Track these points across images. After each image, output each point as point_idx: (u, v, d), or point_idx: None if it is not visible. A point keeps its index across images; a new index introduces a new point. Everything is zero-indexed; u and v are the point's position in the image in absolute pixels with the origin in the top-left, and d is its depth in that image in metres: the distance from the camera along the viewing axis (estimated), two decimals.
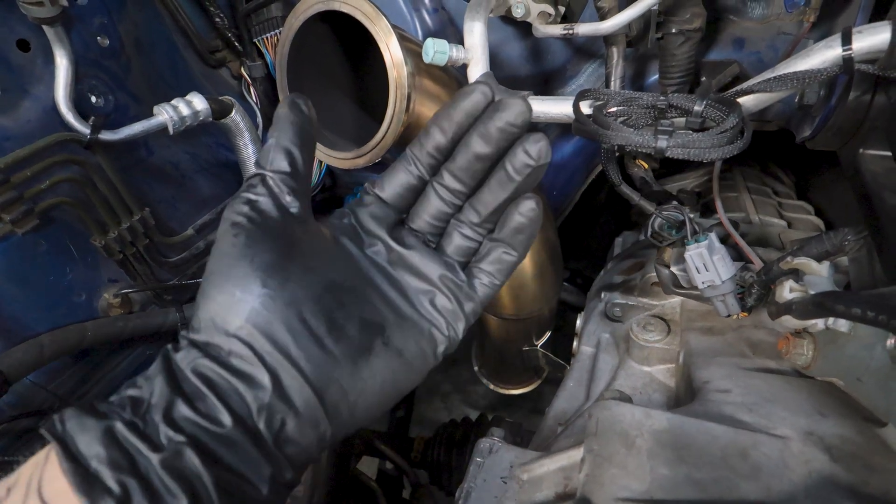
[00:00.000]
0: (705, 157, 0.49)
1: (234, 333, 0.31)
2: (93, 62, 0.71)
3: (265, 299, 0.32)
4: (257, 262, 0.32)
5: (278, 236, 0.34)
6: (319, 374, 0.32)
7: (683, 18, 0.63)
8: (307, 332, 0.32)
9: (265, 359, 0.31)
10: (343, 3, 0.63)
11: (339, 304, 0.34)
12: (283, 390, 0.31)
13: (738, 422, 0.44)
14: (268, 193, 0.34)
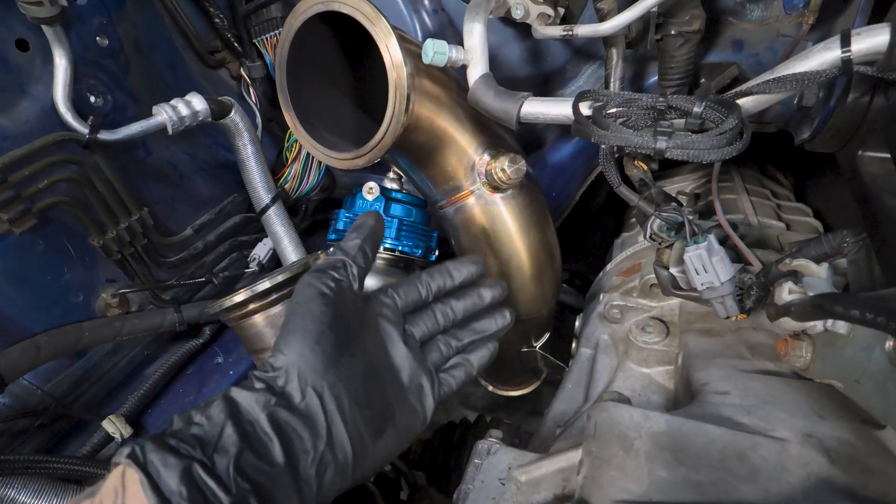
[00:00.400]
0: (704, 158, 0.49)
1: (312, 385, 0.37)
2: (91, 62, 0.71)
3: (341, 366, 0.39)
4: (339, 333, 0.40)
5: (350, 314, 0.42)
6: (358, 436, 0.39)
7: (682, 20, 0.63)
8: (356, 401, 0.40)
9: (328, 413, 0.37)
10: (343, 3, 0.63)
11: (373, 384, 0.43)
12: (333, 443, 0.37)
13: (737, 424, 0.44)
14: (348, 278, 0.44)
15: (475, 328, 0.54)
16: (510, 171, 0.73)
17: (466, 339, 0.53)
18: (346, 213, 0.87)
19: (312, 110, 0.75)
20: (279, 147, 1.04)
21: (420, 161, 0.77)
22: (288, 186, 0.98)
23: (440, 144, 0.74)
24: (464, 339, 0.53)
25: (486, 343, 0.55)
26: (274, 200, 0.92)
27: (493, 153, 0.76)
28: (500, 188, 0.77)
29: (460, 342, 0.53)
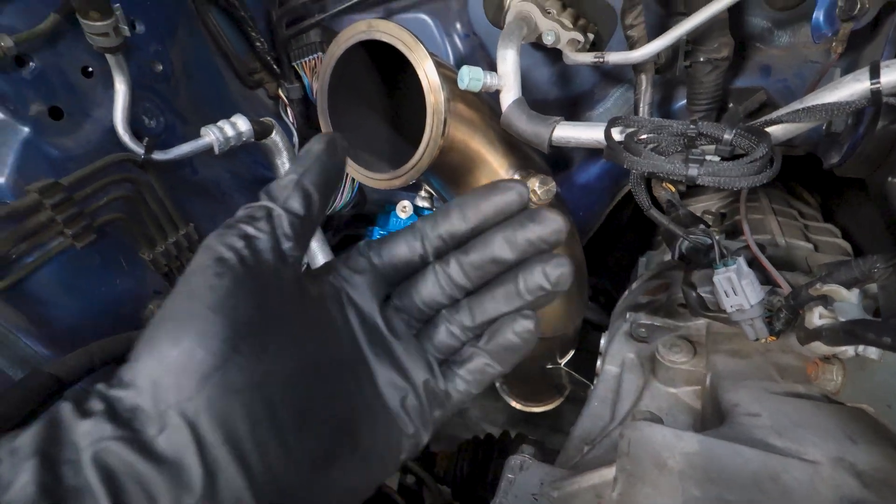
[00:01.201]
0: (735, 185, 0.50)
1: (177, 406, 0.23)
2: (147, 86, 0.76)
3: (232, 370, 0.24)
4: (235, 318, 0.25)
5: (267, 289, 0.27)
6: (269, 482, 0.25)
7: (711, 48, 0.65)
8: (271, 425, 0.25)
9: (207, 449, 0.23)
10: (384, 32, 0.67)
11: (311, 392, 0.28)
12: (215, 496, 0.23)
13: (769, 446, 0.45)
14: (270, 232, 0.28)
15: (502, 294, 0.33)
16: (541, 191, 0.76)
17: (490, 313, 0.33)
18: (379, 230, 0.90)
19: (350, 132, 0.79)
20: None
21: (453, 181, 0.80)
22: None
23: (473, 165, 0.77)
24: (485, 315, 0.33)
25: (516, 321, 0.33)
26: None
27: (523, 174, 0.78)
28: (530, 208, 0.79)
29: (477, 320, 0.33)
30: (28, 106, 0.62)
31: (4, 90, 0.60)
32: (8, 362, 0.67)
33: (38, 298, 0.67)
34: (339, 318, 0.32)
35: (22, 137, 0.62)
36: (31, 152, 0.63)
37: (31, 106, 0.62)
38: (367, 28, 0.68)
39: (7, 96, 0.60)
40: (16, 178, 0.62)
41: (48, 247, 0.64)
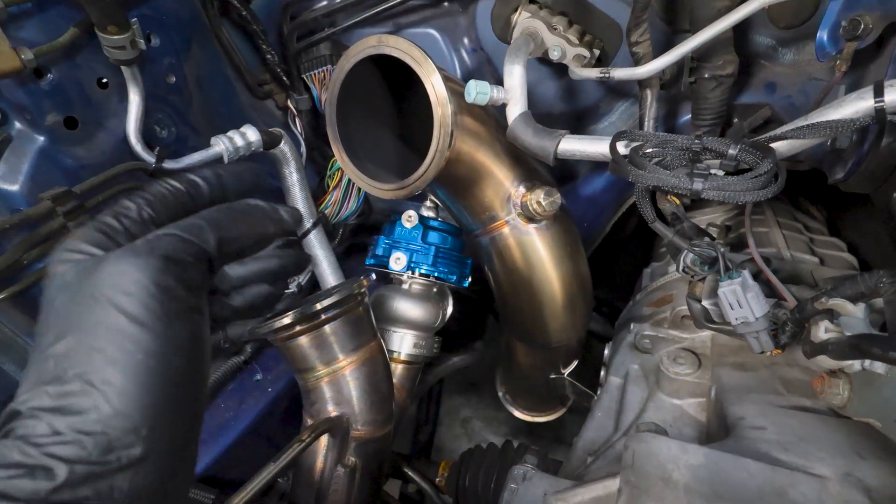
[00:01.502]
0: (740, 199, 0.51)
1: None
2: (160, 98, 0.77)
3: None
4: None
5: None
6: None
7: (716, 65, 0.65)
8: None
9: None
10: (393, 48, 0.68)
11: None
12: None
13: (775, 460, 0.45)
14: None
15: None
16: (546, 203, 0.76)
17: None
18: (385, 239, 0.91)
19: (358, 143, 0.80)
20: (320, 174, 1.10)
21: (459, 192, 0.80)
22: (328, 212, 1.03)
23: (478, 177, 0.78)
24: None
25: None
26: (315, 225, 0.96)
27: (528, 185, 0.79)
28: (535, 219, 0.80)
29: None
30: (44, 116, 0.64)
31: (23, 101, 0.61)
32: (16, 367, 0.68)
33: None
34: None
35: (37, 146, 0.64)
36: (45, 161, 0.64)
37: (47, 116, 0.64)
38: (377, 43, 0.70)
39: (25, 107, 0.62)
40: (30, 186, 0.63)
41: None
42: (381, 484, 0.76)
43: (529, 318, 0.91)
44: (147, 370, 0.29)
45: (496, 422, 2.07)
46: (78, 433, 0.28)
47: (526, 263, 0.84)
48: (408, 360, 0.89)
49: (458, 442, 2.03)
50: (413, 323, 0.88)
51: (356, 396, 0.66)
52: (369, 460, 0.69)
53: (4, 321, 0.67)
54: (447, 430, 2.07)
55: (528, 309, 0.90)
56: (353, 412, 0.66)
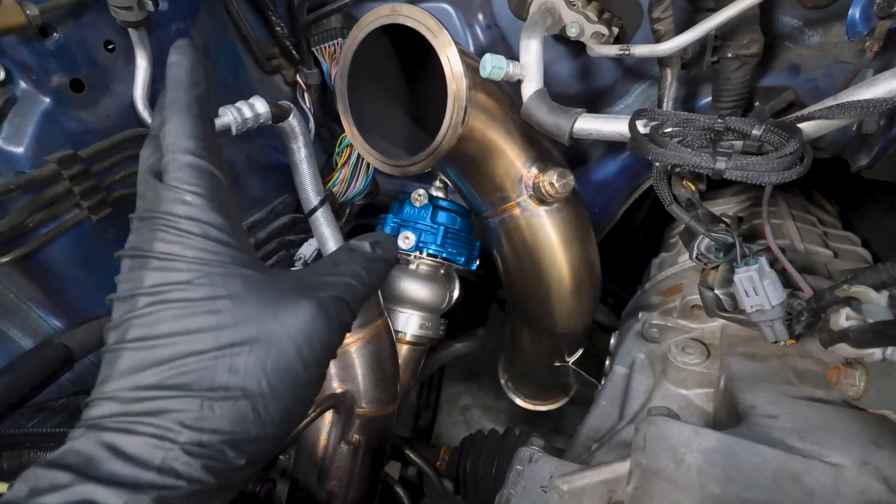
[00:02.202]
0: (763, 180, 0.49)
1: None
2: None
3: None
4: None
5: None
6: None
7: (740, 43, 0.63)
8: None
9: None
10: (408, 17, 0.66)
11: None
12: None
13: (789, 447, 0.44)
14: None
15: None
16: (558, 185, 0.75)
17: None
18: (393, 217, 0.90)
19: (368, 118, 0.78)
20: (328, 152, 1.08)
21: (469, 171, 0.79)
22: (336, 190, 1.01)
23: (490, 156, 0.76)
24: None
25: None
26: (322, 203, 0.95)
27: (541, 167, 0.78)
28: (546, 201, 0.78)
29: None
30: (50, 77, 0.62)
31: (28, 60, 0.60)
32: (20, 332, 0.67)
33: (51, 270, 0.67)
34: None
35: (42, 108, 0.62)
36: (50, 124, 0.63)
37: (52, 77, 0.62)
38: (391, 12, 0.68)
39: (30, 66, 0.60)
40: (35, 149, 0.61)
41: (64, 219, 0.64)
42: (384, 464, 0.75)
43: (536, 302, 0.90)
44: (296, 410, 0.34)
45: (496, 411, 2.07)
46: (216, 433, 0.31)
47: (535, 246, 0.83)
48: (413, 340, 0.88)
49: (457, 429, 2.03)
50: (419, 303, 0.87)
51: (361, 374, 0.65)
52: (372, 438, 0.68)
53: (9, 286, 0.66)
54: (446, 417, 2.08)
55: (535, 293, 0.89)
56: (357, 389, 0.65)
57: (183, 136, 0.35)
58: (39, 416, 0.66)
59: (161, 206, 0.33)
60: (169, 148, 0.35)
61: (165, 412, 0.30)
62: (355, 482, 0.67)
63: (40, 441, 0.53)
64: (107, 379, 0.31)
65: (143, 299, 0.32)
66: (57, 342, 0.62)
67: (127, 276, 0.33)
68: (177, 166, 0.34)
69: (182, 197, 0.33)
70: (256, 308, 0.33)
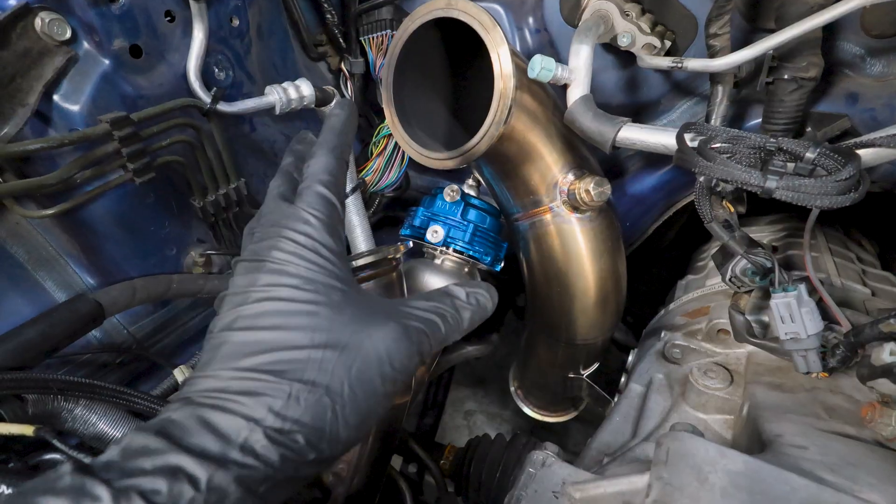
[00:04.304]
0: (814, 203, 0.48)
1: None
2: (222, 39, 0.77)
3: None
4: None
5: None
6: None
7: (799, 66, 0.62)
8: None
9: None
10: (462, 11, 0.67)
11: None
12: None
13: (820, 479, 0.43)
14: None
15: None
16: (594, 193, 0.74)
17: None
18: (424, 210, 0.90)
19: (410, 109, 0.79)
20: (364, 141, 1.09)
21: (505, 172, 0.79)
22: (369, 179, 1.02)
23: (527, 158, 0.76)
24: None
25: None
26: (354, 189, 0.96)
27: (578, 173, 0.77)
28: (580, 209, 0.78)
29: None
30: (112, 40, 0.64)
31: (93, 22, 0.62)
32: (55, 285, 0.69)
33: (91, 227, 0.69)
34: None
35: (102, 70, 0.64)
36: (107, 85, 0.65)
37: (114, 41, 0.64)
38: (446, 6, 0.68)
39: (95, 28, 0.62)
40: (90, 108, 0.63)
41: (109, 178, 0.66)
42: (391, 455, 0.75)
43: (558, 311, 0.89)
44: (368, 422, 0.36)
45: (499, 419, 2.05)
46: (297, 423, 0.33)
47: (563, 253, 0.82)
48: None
49: (459, 433, 2.02)
50: None
51: None
52: (383, 427, 0.68)
53: (50, 239, 0.68)
54: (449, 420, 2.07)
55: (559, 301, 0.88)
56: None
57: (323, 171, 0.40)
58: (66, 367, 0.67)
59: (285, 222, 0.38)
60: (309, 177, 0.40)
61: (258, 395, 0.32)
62: (362, 468, 0.67)
63: (67, 388, 0.54)
64: (210, 361, 0.34)
65: (253, 294, 0.35)
66: (90, 297, 0.64)
67: (241, 277, 0.37)
68: (311, 193, 0.39)
69: (306, 217, 0.38)
70: (350, 319, 0.36)
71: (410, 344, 0.37)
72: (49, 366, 0.66)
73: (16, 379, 0.50)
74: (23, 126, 0.58)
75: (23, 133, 0.59)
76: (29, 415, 0.57)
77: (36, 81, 0.59)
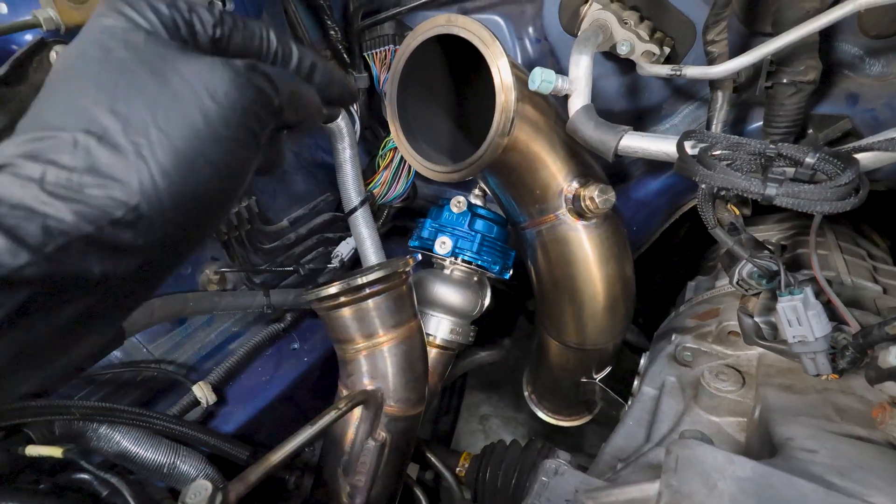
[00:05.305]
0: (814, 209, 0.48)
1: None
2: None
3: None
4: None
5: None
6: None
7: (797, 70, 0.62)
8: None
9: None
10: (462, 28, 0.68)
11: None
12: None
13: (829, 484, 0.43)
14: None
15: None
16: (599, 200, 0.75)
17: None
18: (431, 222, 0.91)
19: (415, 123, 0.80)
20: (370, 154, 1.11)
21: (510, 181, 0.80)
22: (376, 192, 1.04)
23: (532, 168, 0.77)
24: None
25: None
26: (363, 203, 0.97)
27: (582, 181, 0.78)
28: (586, 216, 0.79)
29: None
30: None
31: None
32: None
33: None
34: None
35: None
36: None
37: None
38: (446, 22, 0.70)
39: None
40: None
41: None
42: (407, 464, 0.76)
43: (568, 317, 0.90)
44: (197, 170, 0.30)
45: (514, 423, 2.05)
46: (106, 191, 0.28)
47: (570, 260, 0.83)
48: (443, 345, 0.89)
49: (475, 438, 2.03)
50: (451, 308, 0.88)
51: (392, 373, 0.66)
52: (399, 438, 0.69)
53: None
54: (465, 425, 2.07)
55: (568, 307, 0.88)
56: (387, 388, 0.66)
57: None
58: (90, 386, 0.70)
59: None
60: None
61: (37, 155, 0.28)
62: (380, 479, 0.68)
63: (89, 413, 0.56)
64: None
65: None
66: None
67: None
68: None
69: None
70: (152, 59, 0.31)
71: (234, 73, 0.32)
72: (72, 385, 0.68)
73: (41, 406, 0.52)
74: None
75: None
76: (56, 435, 0.59)
77: None
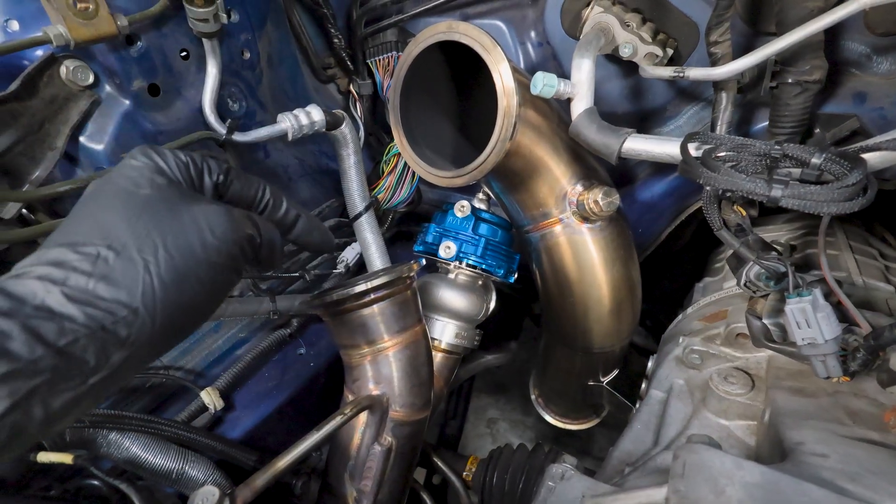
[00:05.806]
0: (821, 210, 0.48)
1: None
2: (234, 72, 0.80)
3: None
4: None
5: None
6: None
7: (802, 70, 0.62)
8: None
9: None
10: (463, 34, 0.68)
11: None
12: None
13: (839, 489, 0.42)
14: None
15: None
16: (603, 203, 0.74)
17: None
18: (436, 227, 0.92)
19: (417, 129, 0.81)
20: (375, 159, 1.11)
21: (513, 185, 0.80)
22: (381, 197, 1.04)
23: (535, 172, 0.77)
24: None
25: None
26: (367, 208, 0.98)
27: (586, 184, 0.78)
28: (590, 219, 0.78)
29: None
30: (132, 81, 0.67)
31: (114, 66, 0.65)
32: None
33: None
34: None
35: (123, 110, 0.67)
36: (128, 124, 0.68)
37: (133, 82, 0.68)
38: (447, 29, 0.70)
39: (115, 71, 0.66)
40: (114, 147, 0.67)
41: None
42: (413, 468, 0.76)
43: (573, 321, 0.90)
44: (190, 285, 0.37)
45: (522, 426, 2.04)
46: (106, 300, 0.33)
47: (575, 264, 0.82)
48: (448, 349, 0.89)
49: (482, 441, 2.02)
50: (457, 313, 0.88)
51: (397, 378, 0.66)
52: (404, 443, 0.69)
53: None
54: (472, 429, 2.07)
55: (573, 311, 0.88)
56: (392, 393, 0.66)
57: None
58: None
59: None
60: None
61: (62, 264, 0.33)
62: (386, 483, 0.68)
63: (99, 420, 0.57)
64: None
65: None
66: None
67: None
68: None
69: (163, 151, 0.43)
70: (169, 198, 0.38)
71: (232, 219, 0.40)
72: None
73: None
74: (52, 168, 0.62)
75: (53, 175, 0.62)
76: (67, 441, 0.59)
77: (63, 125, 0.63)
